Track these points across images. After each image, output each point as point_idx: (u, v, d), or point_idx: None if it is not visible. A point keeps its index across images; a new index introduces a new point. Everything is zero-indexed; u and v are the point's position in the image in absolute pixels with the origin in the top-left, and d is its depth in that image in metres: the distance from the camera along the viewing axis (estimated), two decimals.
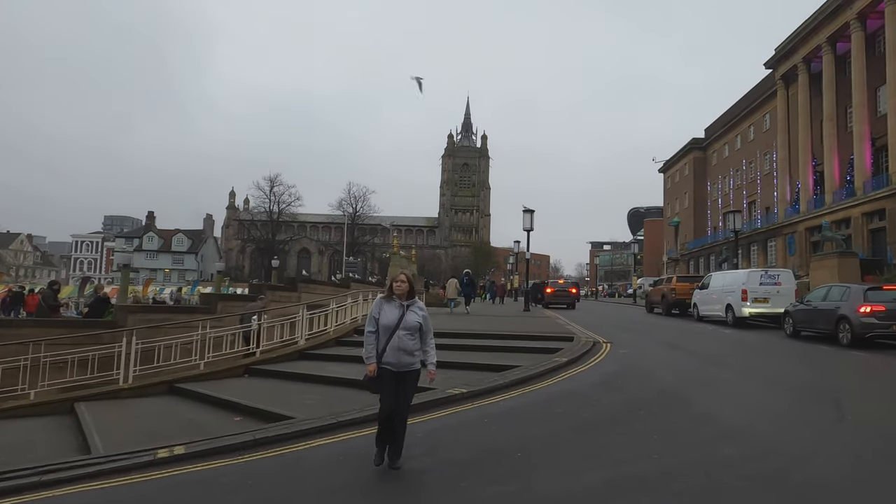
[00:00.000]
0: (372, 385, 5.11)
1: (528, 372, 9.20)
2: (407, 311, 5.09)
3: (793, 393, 8.31)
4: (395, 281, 5.19)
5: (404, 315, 5.06)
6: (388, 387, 5.01)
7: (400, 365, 5.02)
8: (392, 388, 5.02)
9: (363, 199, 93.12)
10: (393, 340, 5.00)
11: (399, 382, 5.03)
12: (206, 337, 11.10)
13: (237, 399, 8.42)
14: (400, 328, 5.01)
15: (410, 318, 5.08)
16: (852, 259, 27.56)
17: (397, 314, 5.06)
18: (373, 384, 5.10)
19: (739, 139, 53.27)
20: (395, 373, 5.02)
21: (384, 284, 35.12)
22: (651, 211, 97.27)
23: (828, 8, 34.84)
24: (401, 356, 5.01)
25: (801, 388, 8.69)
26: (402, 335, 5.02)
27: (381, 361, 5.00)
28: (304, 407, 7.81)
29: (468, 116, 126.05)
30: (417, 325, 5.09)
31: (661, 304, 27.19)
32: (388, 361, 5.00)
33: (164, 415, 8.36)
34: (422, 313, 5.18)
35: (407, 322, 5.04)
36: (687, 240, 61.54)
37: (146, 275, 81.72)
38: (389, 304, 5.13)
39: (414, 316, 5.10)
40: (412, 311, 5.12)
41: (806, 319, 14.91)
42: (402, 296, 5.12)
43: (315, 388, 9.24)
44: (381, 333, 5.04)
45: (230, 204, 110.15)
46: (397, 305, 5.11)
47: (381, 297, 5.26)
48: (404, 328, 5.03)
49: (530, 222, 26.28)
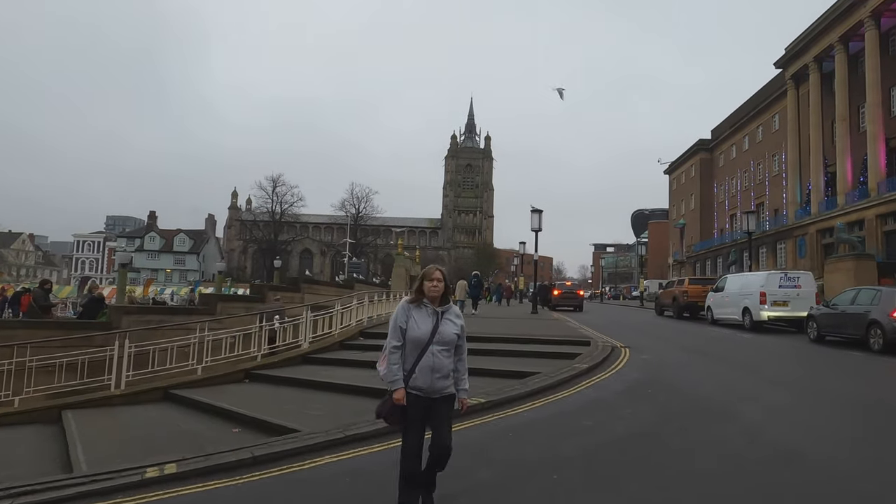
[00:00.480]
0: (394, 416, 3.95)
1: (549, 379, 8.57)
2: (442, 319, 3.97)
3: (841, 406, 7.67)
4: (427, 280, 4.00)
5: (439, 325, 3.94)
6: (418, 419, 3.94)
7: (433, 390, 3.91)
8: (422, 420, 3.95)
9: (366, 200, 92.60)
10: (425, 359, 3.88)
11: (428, 410, 3.94)
12: (205, 340, 10.49)
13: (236, 408, 7.79)
14: (434, 342, 3.89)
15: (447, 330, 3.96)
16: (869, 262, 26.89)
17: (430, 324, 3.93)
18: (396, 415, 3.94)
19: (747, 140, 52.58)
20: (426, 399, 3.92)
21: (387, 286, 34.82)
22: (655, 213, 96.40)
23: (841, 6, 34.18)
24: (434, 379, 3.89)
25: (848, 400, 8.05)
26: (437, 352, 3.90)
27: (409, 386, 3.88)
28: (309, 417, 7.18)
29: (471, 117, 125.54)
30: (455, 337, 4.00)
31: (673, 306, 26.55)
32: (416, 386, 3.89)
33: (158, 425, 7.74)
34: (459, 322, 4.07)
35: (443, 334, 3.93)
36: (693, 242, 60.85)
37: (147, 275, 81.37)
38: (419, 310, 3.97)
39: (451, 326, 3.99)
40: (448, 321, 4.00)
41: (832, 324, 14.26)
42: (434, 300, 3.98)
43: (320, 395, 8.61)
44: (408, 349, 3.91)
45: (232, 204, 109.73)
46: (429, 313, 3.97)
47: (408, 301, 4.06)
48: (440, 342, 3.92)
49: (538, 222, 25.68)
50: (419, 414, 3.93)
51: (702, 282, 27.57)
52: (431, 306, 3.99)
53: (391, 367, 3.90)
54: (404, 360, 3.92)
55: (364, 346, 12.79)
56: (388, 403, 3.95)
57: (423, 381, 3.88)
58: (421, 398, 3.90)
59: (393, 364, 3.91)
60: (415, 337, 3.91)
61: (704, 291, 23.90)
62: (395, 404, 3.87)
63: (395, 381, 3.87)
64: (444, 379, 3.94)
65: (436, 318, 3.97)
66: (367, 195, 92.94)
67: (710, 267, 56.27)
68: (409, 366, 3.90)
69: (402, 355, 3.92)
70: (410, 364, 3.90)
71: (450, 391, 4.00)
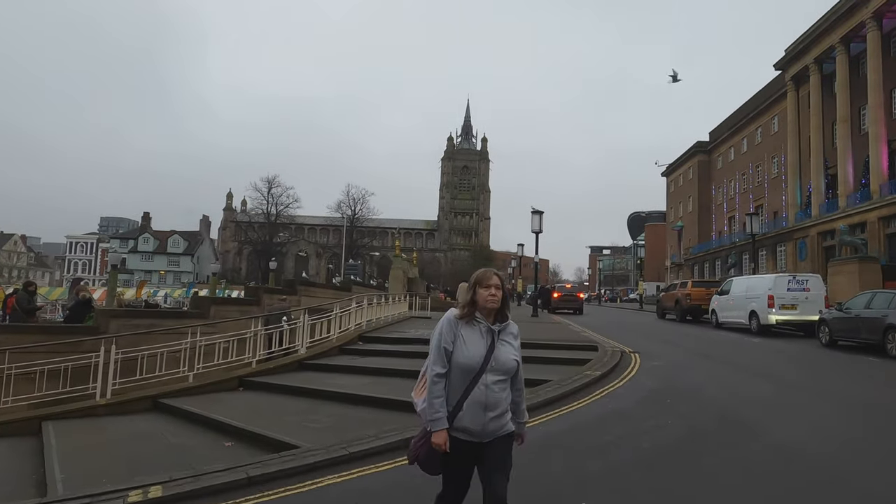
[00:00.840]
0: (432, 463, 3.01)
1: (561, 388, 8.10)
2: (498, 340, 3.00)
3: (873, 417, 7.21)
4: (482, 287, 3.03)
5: (494, 348, 2.97)
6: (463, 468, 3.03)
7: (484, 433, 2.94)
8: (467, 469, 3.05)
9: (362, 201, 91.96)
10: (475, 392, 2.91)
11: (478, 457, 3.01)
12: (197, 345, 9.96)
13: (229, 419, 7.28)
14: (487, 370, 2.92)
15: (505, 355, 2.99)
16: (874, 264, 26.58)
17: (483, 346, 2.95)
18: (435, 462, 3.00)
19: (746, 142, 52.37)
20: (475, 445, 2.97)
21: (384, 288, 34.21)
22: (652, 215, 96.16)
23: (842, 7, 33.95)
24: (488, 419, 2.93)
25: (880, 410, 7.60)
26: (492, 383, 2.93)
27: (453, 426, 2.92)
28: (308, 430, 6.68)
29: (468, 119, 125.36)
30: (515, 365, 3.03)
31: (675, 309, 26.13)
32: (463, 427, 2.91)
33: (144, 438, 7.20)
34: (518, 344, 3.13)
35: (500, 361, 2.96)
36: (691, 244, 60.58)
37: (141, 276, 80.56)
38: (470, 328, 2.99)
39: (509, 350, 3.02)
40: (506, 343, 3.02)
41: (846, 328, 13.85)
42: (490, 314, 3.02)
43: (319, 405, 8.10)
44: (453, 378, 2.94)
45: (227, 205, 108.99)
46: (483, 331, 3.00)
47: (456, 315, 3.05)
48: (495, 371, 2.95)
49: (539, 224, 25.26)
50: (465, 462, 3.00)
51: (705, 284, 27.18)
52: (486, 322, 3.00)
53: (432, 402, 2.91)
54: (447, 392, 2.94)
55: (364, 350, 12.30)
56: (424, 445, 2.99)
57: (472, 422, 2.92)
58: (469, 443, 2.95)
59: (435, 397, 2.91)
60: (464, 363, 2.92)
61: (708, 294, 23.50)
62: (435, 448, 2.92)
63: (437, 419, 2.90)
64: (498, 418, 2.95)
65: (491, 339, 2.98)
66: (364, 197, 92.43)
67: (708, 269, 55.99)
68: (453, 400, 2.92)
69: (446, 386, 2.94)
70: (456, 398, 2.92)
71: (506, 430, 3.04)
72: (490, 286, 3.01)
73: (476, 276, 3.11)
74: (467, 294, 3.09)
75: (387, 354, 11.80)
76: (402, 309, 20.35)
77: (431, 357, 3.02)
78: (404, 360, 11.11)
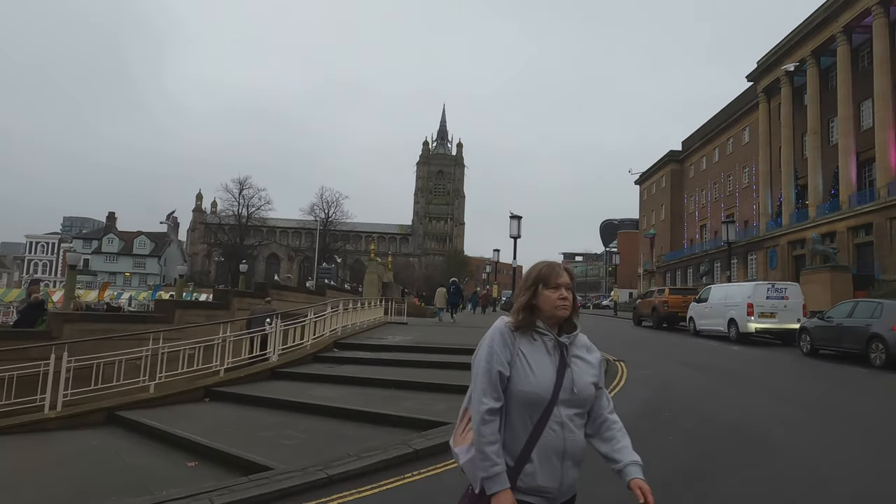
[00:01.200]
0: None
1: None
2: (570, 356, 2.09)
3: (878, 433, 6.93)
4: (547, 287, 2.12)
5: (568, 368, 2.06)
6: None
7: (562, 490, 2.00)
8: None
9: (336, 205, 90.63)
10: (549, 434, 1.97)
11: None
12: (160, 352, 9.23)
13: (193, 435, 6.61)
14: (560, 402, 2.00)
15: (582, 378, 2.08)
16: (845, 273, 27.02)
17: (552, 367, 2.04)
18: None
19: (718, 152, 53.21)
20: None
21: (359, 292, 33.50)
22: (625, 223, 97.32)
23: (813, 21, 34.64)
24: (567, 470, 1.99)
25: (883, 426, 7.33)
26: (568, 418, 2.00)
27: (518, 486, 1.93)
28: (281, 448, 6.08)
29: (444, 124, 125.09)
30: (593, 390, 2.11)
31: (652, 316, 26.05)
32: (535, 487, 1.95)
33: (97, 457, 6.48)
34: (596, 357, 2.20)
35: (577, 385, 2.04)
36: (663, 252, 61.24)
37: (105, 278, 77.90)
38: (531, 343, 2.07)
39: (586, 371, 2.11)
40: (580, 360, 2.12)
41: (827, 337, 13.76)
42: (557, 323, 2.12)
43: (293, 418, 7.48)
44: (513, 416, 2.01)
45: (197, 206, 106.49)
46: (551, 346, 2.08)
47: (509, 324, 2.11)
48: (571, 401, 2.02)
49: (518, 229, 24.96)
50: None
51: (682, 292, 27.20)
52: (551, 333, 2.08)
53: (485, 450, 1.92)
54: (505, 436, 1.98)
55: (340, 358, 11.68)
56: None
57: (547, 477, 1.96)
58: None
59: (489, 443, 1.93)
60: (528, 392, 1.98)
61: (685, 302, 23.47)
62: None
63: (493, 476, 1.90)
64: (575, 467, 2.03)
65: (559, 357, 2.05)
66: (338, 200, 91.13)
67: (680, 277, 56.61)
68: (515, 447, 1.96)
69: (501, 426, 1.98)
70: (518, 445, 1.96)
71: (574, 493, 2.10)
72: (559, 285, 2.10)
73: (538, 272, 2.16)
74: (524, 294, 2.15)
75: (364, 362, 11.22)
76: (378, 314, 19.74)
77: (478, 386, 2.01)
78: (383, 368, 10.57)
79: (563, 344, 2.08)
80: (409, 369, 10.36)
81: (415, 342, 13.42)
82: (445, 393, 8.40)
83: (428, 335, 15.36)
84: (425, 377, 9.50)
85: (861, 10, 30.77)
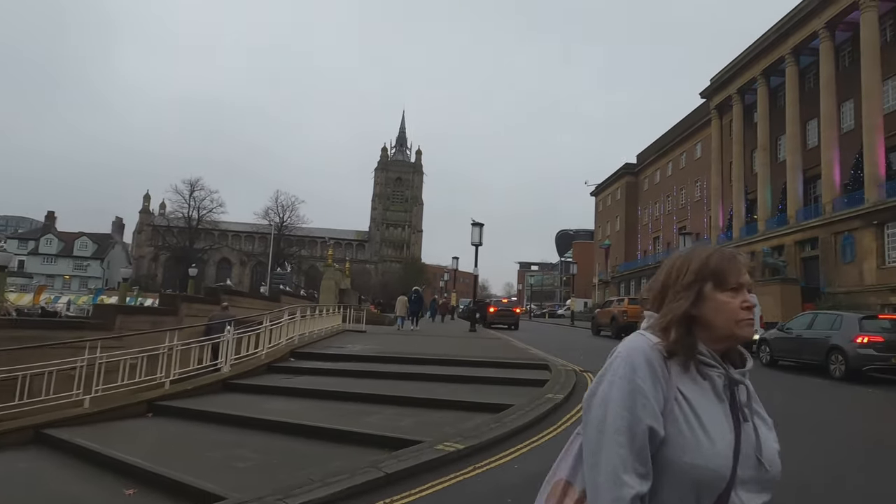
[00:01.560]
0: None
1: (527, 415, 7.25)
2: (753, 407, 1.31)
3: (848, 445, 6.83)
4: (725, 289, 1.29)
5: (746, 423, 1.27)
6: None
7: None
8: None
9: (291, 209, 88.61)
10: None
11: None
12: (97, 362, 8.39)
13: (133, 458, 5.88)
14: (739, 481, 1.20)
15: (769, 442, 1.29)
16: (794, 286, 27.85)
17: (725, 421, 1.24)
18: None
19: (671, 166, 54.66)
20: None
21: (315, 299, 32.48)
22: (580, 233, 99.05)
23: (765, 41, 35.96)
24: None
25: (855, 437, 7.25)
26: None
27: None
28: (234, 472, 5.46)
29: (403, 130, 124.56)
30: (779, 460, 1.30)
31: (611, 326, 26.22)
32: None
33: (18, 483, 5.67)
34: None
35: (766, 455, 1.26)
36: (617, 262, 62.38)
37: (41, 281, 73.57)
38: (692, 382, 1.25)
39: (768, 429, 1.32)
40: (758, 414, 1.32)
41: (787, 349, 13.94)
42: (729, 347, 1.32)
43: (247, 435, 6.83)
44: (666, 498, 1.18)
45: (144, 208, 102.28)
46: (721, 387, 1.27)
47: (659, 347, 1.25)
48: (758, 479, 1.24)
49: (479, 236, 24.77)
50: None
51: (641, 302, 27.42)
52: (722, 366, 1.29)
53: None
54: None
55: (296, 368, 11.01)
56: None
57: None
58: None
59: None
60: (698, 465, 1.18)
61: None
62: None
63: None
64: None
65: (729, 404, 1.27)
66: (293, 204, 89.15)
67: (634, 287, 57.70)
68: None
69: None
70: None
71: None
72: (742, 286, 1.30)
73: (705, 261, 1.32)
74: (681, 297, 1.30)
75: (323, 373, 10.60)
76: (336, 321, 19.04)
77: (609, 452, 1.17)
78: (344, 379, 9.99)
79: (736, 383, 1.29)
80: (372, 381, 9.82)
81: (377, 351, 12.86)
82: (413, 407, 7.91)
83: (390, 344, 14.81)
84: (390, 389, 8.98)
85: (809, 33, 32.11)
